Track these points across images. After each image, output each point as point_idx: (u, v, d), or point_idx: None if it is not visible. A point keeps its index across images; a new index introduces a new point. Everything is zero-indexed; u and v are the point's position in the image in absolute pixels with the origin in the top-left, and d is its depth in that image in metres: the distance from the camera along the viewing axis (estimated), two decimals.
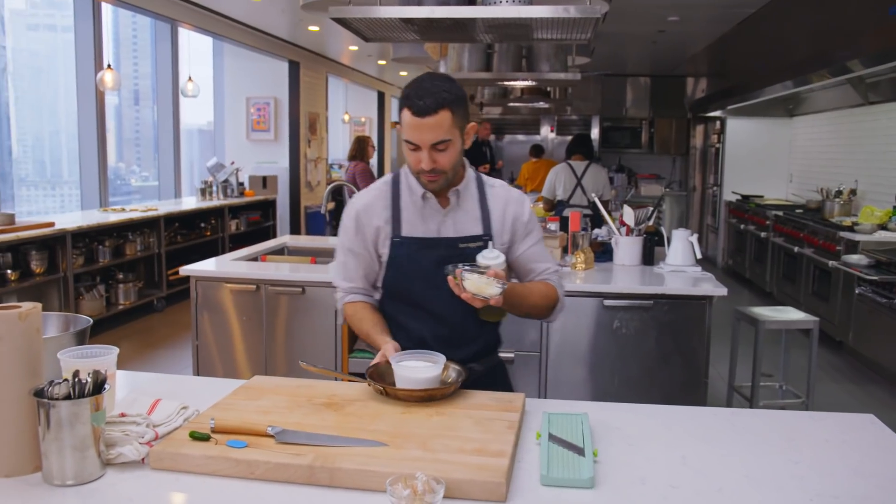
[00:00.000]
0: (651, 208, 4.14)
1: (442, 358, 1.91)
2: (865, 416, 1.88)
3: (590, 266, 3.99)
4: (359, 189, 7.63)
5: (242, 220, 9.14)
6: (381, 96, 13.88)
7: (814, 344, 4.50)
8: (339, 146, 13.21)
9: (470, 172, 2.17)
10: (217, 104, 10.62)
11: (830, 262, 6.01)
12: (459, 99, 1.99)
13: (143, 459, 1.56)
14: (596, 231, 4.67)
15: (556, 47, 6.75)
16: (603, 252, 4.31)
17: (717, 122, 10.26)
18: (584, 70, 10.36)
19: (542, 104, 9.40)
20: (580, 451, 1.58)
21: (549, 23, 4.06)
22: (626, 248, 4.10)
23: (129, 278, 6.90)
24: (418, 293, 2.12)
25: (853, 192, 7.23)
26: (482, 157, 9.73)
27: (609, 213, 6.31)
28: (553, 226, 4.38)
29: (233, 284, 3.83)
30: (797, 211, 7.74)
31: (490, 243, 2.10)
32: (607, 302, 3.57)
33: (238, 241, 8.52)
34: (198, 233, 8.20)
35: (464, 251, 2.07)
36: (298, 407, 1.79)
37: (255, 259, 4.47)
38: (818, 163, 8.67)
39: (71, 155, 8.01)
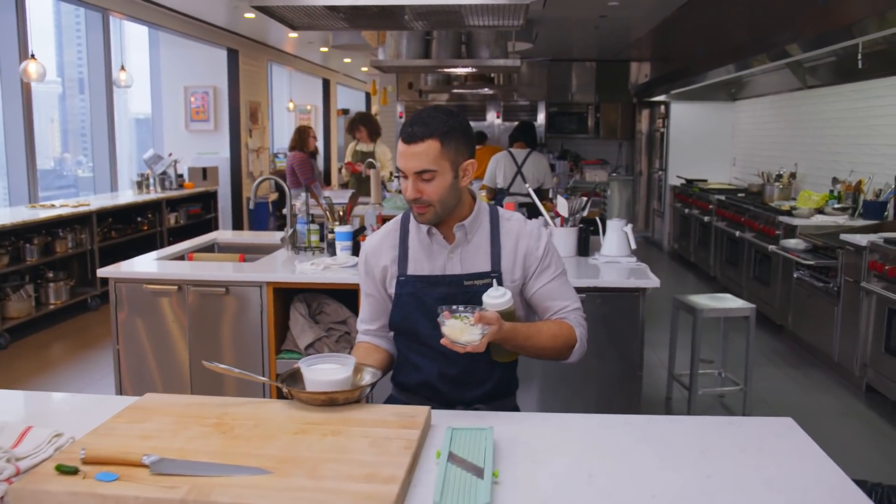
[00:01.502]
0: (585, 199, 4.07)
1: (352, 360, 1.86)
2: (784, 420, 1.82)
3: None
4: (295, 179, 7.50)
5: (182, 214, 8.90)
6: (326, 84, 13.64)
7: (751, 331, 4.48)
8: (284, 135, 12.96)
9: (482, 206, 2.09)
10: (154, 94, 10.32)
11: (770, 247, 6.02)
12: (454, 132, 1.94)
13: (1, 498, 1.43)
14: (535, 221, 4.58)
15: (496, 33, 6.65)
16: None
17: (662, 107, 10.27)
18: (526, 55, 10.31)
19: (486, 90, 9.32)
20: (479, 473, 1.48)
21: (478, 9, 3.96)
22: (561, 240, 4.02)
23: (60, 277, 6.65)
24: (423, 332, 2.05)
25: (793, 175, 7.27)
26: None
27: (550, 201, 6.27)
28: None
29: (153, 286, 3.67)
30: (739, 195, 7.76)
31: (495, 281, 2.01)
32: None
33: (178, 235, 8.28)
34: (134, 227, 7.95)
35: (469, 289, 2.01)
36: (185, 429, 1.67)
37: (181, 257, 4.30)
38: (760, 147, 8.72)
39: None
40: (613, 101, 11.39)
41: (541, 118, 11.08)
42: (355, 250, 3.95)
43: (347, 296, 3.72)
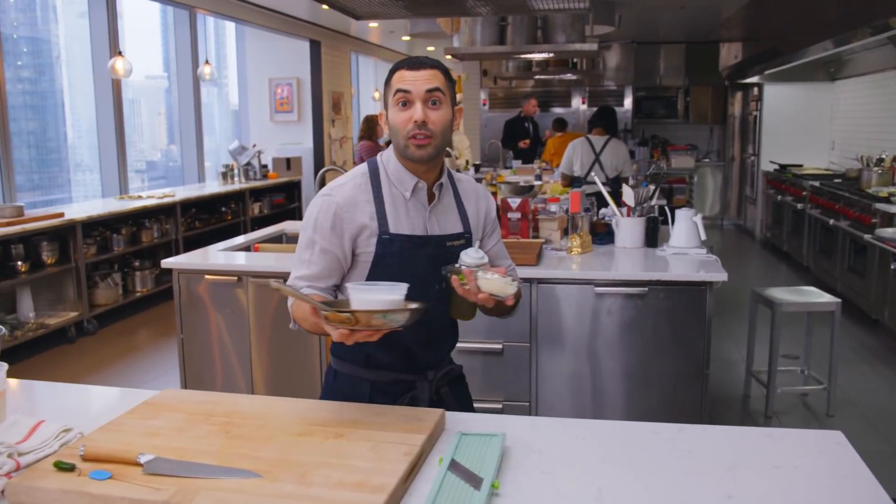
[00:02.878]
0: (653, 187, 3.88)
1: (402, 286, 1.69)
2: (832, 434, 1.64)
3: (587, 250, 3.76)
4: None
5: (266, 203, 9.06)
6: None
7: (835, 327, 4.21)
8: None
9: (445, 165, 2.03)
10: (241, 86, 10.54)
11: (865, 236, 5.65)
12: (449, 75, 1.93)
13: (1, 492, 1.43)
14: (603, 211, 4.42)
15: (573, 17, 6.47)
16: (607, 234, 4.06)
17: (755, 89, 9.80)
18: (608, 39, 10.02)
19: (569, 76, 9.12)
20: (478, 484, 1.39)
21: None
22: (627, 230, 3.85)
23: (146, 266, 6.87)
24: (407, 295, 1.93)
25: (895, 158, 6.80)
26: (524, 132, 9.44)
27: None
28: (554, 207, 4.16)
29: (214, 276, 3.71)
30: (835, 181, 7.32)
31: (476, 242, 1.99)
32: (598, 289, 3.34)
33: (261, 224, 8.42)
34: (218, 217, 8.14)
35: (450, 249, 1.95)
36: (192, 428, 1.64)
37: (248, 248, 4.35)
38: (861, 129, 8.20)
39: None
40: (704, 84, 10.93)
41: (627, 103, 10.74)
42: None
43: None
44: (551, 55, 6.98)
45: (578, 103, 10.73)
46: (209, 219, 7.99)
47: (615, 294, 3.34)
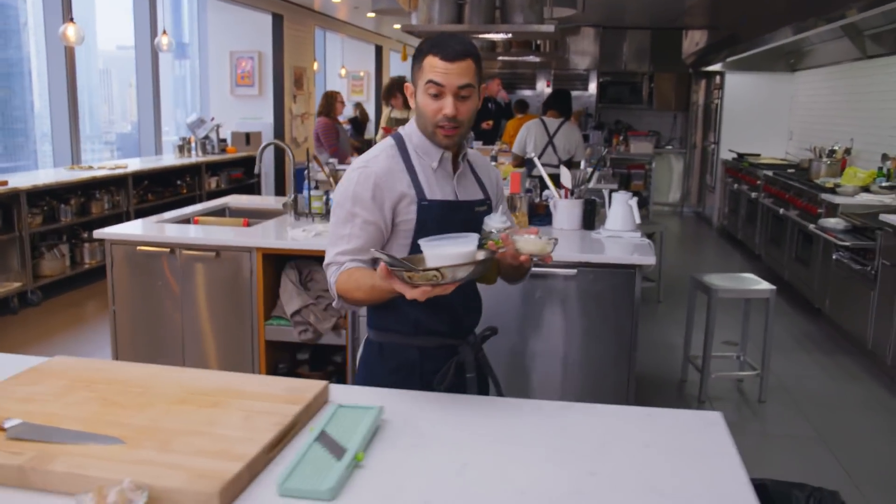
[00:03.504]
0: (590, 169, 3.89)
1: (473, 235, 1.70)
2: (710, 415, 1.66)
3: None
4: (321, 145, 7.46)
5: (223, 178, 8.98)
6: (378, 50, 13.53)
7: (770, 314, 4.26)
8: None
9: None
10: (202, 59, 10.40)
11: (810, 226, 5.71)
12: (479, 55, 1.95)
13: None
14: (546, 193, 4.42)
15: None
16: (546, 215, 4.07)
17: (717, 77, 9.85)
18: (573, 22, 9.99)
19: (531, 58, 9.08)
20: (340, 454, 1.38)
21: None
22: (565, 212, 3.86)
23: (95, 238, 6.76)
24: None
25: (848, 151, 6.88)
26: (487, 113, 9.41)
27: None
28: None
29: (146, 247, 3.67)
30: (789, 171, 7.39)
31: (499, 208, 2.07)
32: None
33: (218, 198, 8.35)
34: (172, 190, 8.05)
35: (479, 214, 2.01)
36: (69, 394, 1.61)
37: (188, 221, 4.30)
38: (817, 120, 8.28)
39: (81, 108, 7.87)
40: (668, 71, 10.96)
41: (592, 87, 10.76)
42: None
43: None
44: (509, 36, 6.94)
45: (543, 86, 10.72)
46: (163, 192, 7.89)
47: (544, 275, 3.35)
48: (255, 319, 3.61)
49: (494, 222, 1.92)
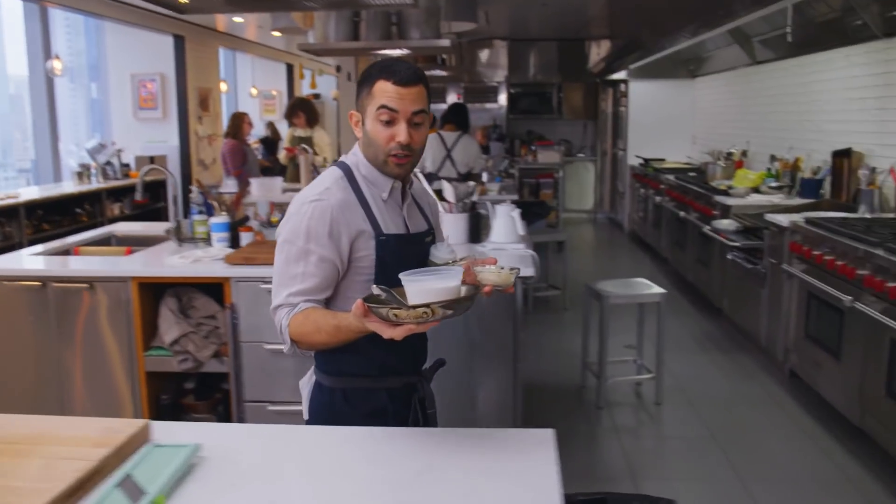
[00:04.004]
0: (472, 183, 3.88)
1: (459, 271, 1.64)
2: (540, 433, 1.63)
3: None
4: (227, 168, 7.33)
5: (127, 204, 8.73)
6: (289, 69, 13.39)
7: (661, 319, 4.32)
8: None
9: None
10: (102, 82, 10.12)
11: (705, 228, 5.84)
12: (427, 82, 1.87)
13: None
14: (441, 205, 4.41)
15: (427, 13, 6.44)
16: None
17: (622, 86, 10.05)
18: (479, 36, 10.08)
19: (437, 72, 9.11)
20: (137, 498, 1.31)
21: None
22: (451, 226, 3.84)
23: None
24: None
25: (744, 153, 7.07)
26: None
27: (483, 184, 6.10)
28: None
29: (12, 282, 3.50)
30: (690, 174, 7.56)
31: (445, 238, 2.03)
32: None
33: (108, 226, 8.11)
34: (71, 219, 7.78)
35: (426, 246, 1.93)
36: None
37: (67, 252, 4.14)
38: (718, 124, 8.51)
39: None
40: (577, 81, 11.15)
41: (502, 99, 10.86)
42: (233, 242, 3.79)
43: (216, 289, 3.54)
44: (407, 52, 6.94)
45: (454, 99, 10.77)
46: (61, 221, 7.62)
47: None
48: (133, 351, 3.49)
49: (442, 253, 1.86)
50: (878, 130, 4.96)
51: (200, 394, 3.76)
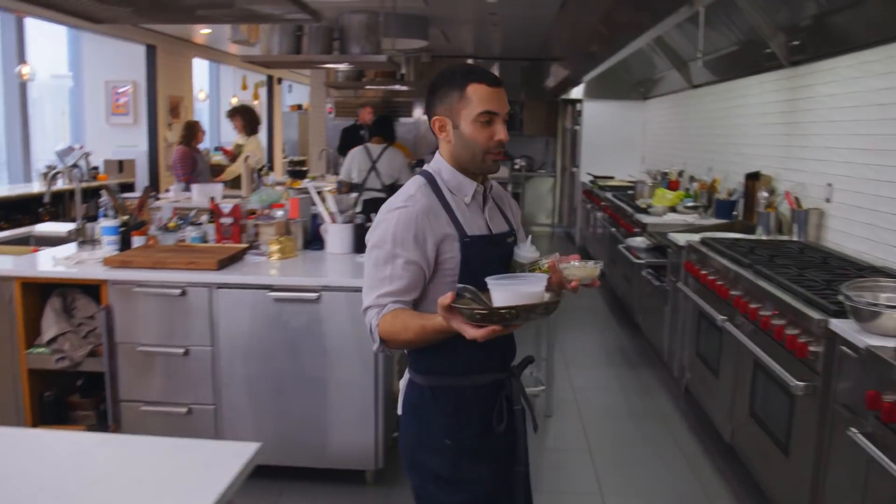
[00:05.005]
0: (355, 195, 4.04)
1: (544, 277, 1.75)
2: (244, 447, 1.64)
3: (289, 255, 3.89)
4: (178, 174, 7.52)
5: (92, 205, 8.93)
6: (270, 80, 13.64)
7: (551, 331, 4.47)
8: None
9: None
10: (77, 88, 10.37)
11: (619, 245, 5.97)
12: None
13: None
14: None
15: (367, 29, 6.62)
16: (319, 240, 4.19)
17: (578, 105, 10.24)
18: (442, 54, 10.28)
19: (398, 87, 9.29)
20: None
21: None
22: (335, 236, 4.00)
23: None
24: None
25: (681, 173, 7.21)
26: (358, 139, 9.57)
27: None
28: (279, 212, 4.27)
29: None
30: (629, 192, 7.70)
31: (528, 238, 2.08)
32: (273, 294, 3.47)
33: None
34: (33, 218, 7.99)
35: (510, 246, 2.04)
36: None
37: None
38: (662, 145, 8.67)
39: None
40: (538, 99, 11.34)
41: None
42: (124, 245, 3.94)
43: (95, 290, 3.70)
44: (347, 67, 7.13)
45: (420, 113, 10.95)
46: (21, 219, 7.83)
47: (290, 300, 3.47)
48: (16, 348, 3.65)
49: (526, 253, 1.96)
50: (784, 155, 5.09)
51: (87, 392, 3.92)
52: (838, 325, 2.72)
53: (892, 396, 2.26)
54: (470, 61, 11.10)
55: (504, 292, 1.66)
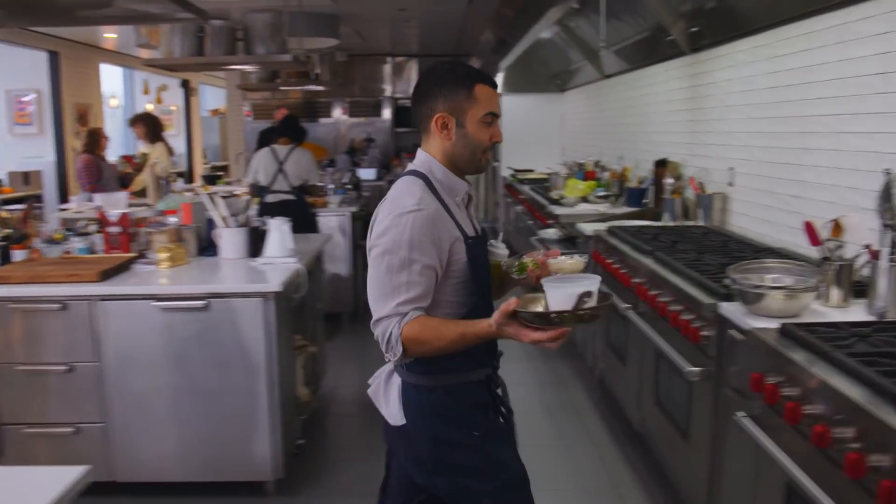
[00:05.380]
0: (247, 198, 3.90)
1: (597, 278, 1.79)
2: (70, 471, 1.51)
3: (180, 262, 3.73)
4: (83, 183, 7.23)
5: None
6: (185, 84, 13.29)
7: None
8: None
9: None
10: None
11: (532, 237, 5.94)
12: None
13: None
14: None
15: (272, 28, 6.46)
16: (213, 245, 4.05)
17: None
18: (355, 52, 10.18)
19: (311, 87, 9.13)
20: None
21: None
22: (229, 241, 3.86)
23: None
24: (487, 294, 2.03)
25: (597, 163, 7.23)
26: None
27: (321, 197, 6.12)
28: (173, 218, 4.11)
29: None
30: (545, 185, 7.70)
31: (500, 235, 2.20)
32: (159, 304, 3.31)
33: None
34: None
35: (488, 246, 2.11)
36: None
37: None
38: (580, 136, 8.70)
39: None
40: None
41: (386, 113, 10.94)
42: (4, 259, 3.73)
43: None
44: (256, 67, 6.96)
45: (339, 114, 10.80)
46: None
47: (176, 309, 3.32)
48: None
49: (502, 251, 2.07)
50: (689, 141, 5.12)
51: None
52: (727, 309, 2.70)
53: (775, 378, 2.23)
54: (388, 59, 11.00)
55: (564, 293, 1.72)
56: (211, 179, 8.99)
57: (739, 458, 2.57)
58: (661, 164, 5.43)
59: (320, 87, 9.04)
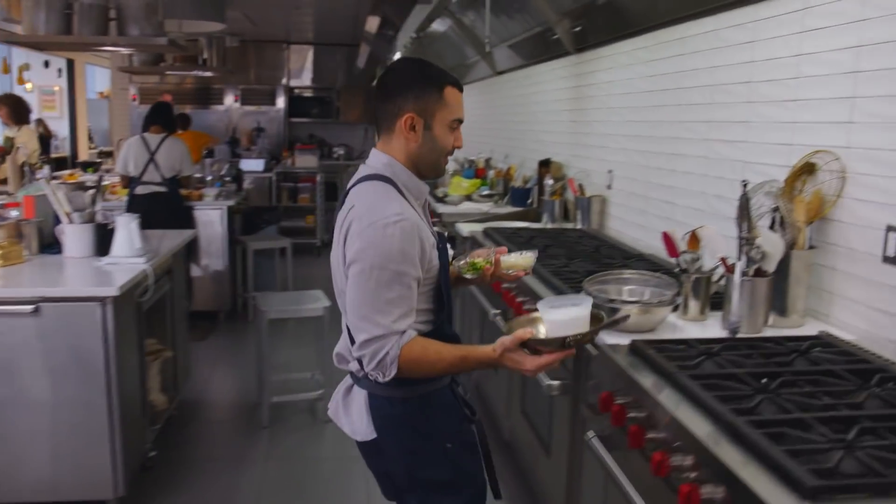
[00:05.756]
0: (92, 192, 3.61)
1: (589, 299, 1.83)
2: None
3: (14, 261, 3.41)
4: None
5: None
6: (70, 64, 12.56)
7: (324, 332, 4.20)
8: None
9: None
10: None
11: None
12: None
13: None
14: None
15: (147, 8, 6.10)
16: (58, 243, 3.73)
17: None
18: (246, 37, 9.84)
19: (197, 73, 8.73)
20: None
21: None
22: (73, 238, 3.56)
23: None
24: (450, 300, 1.96)
25: (488, 161, 7.14)
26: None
27: (196, 189, 5.81)
28: (15, 212, 3.77)
29: None
30: (433, 181, 7.57)
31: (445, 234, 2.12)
32: None
33: None
34: None
35: None
36: None
37: None
38: (474, 133, 8.60)
39: None
40: (356, 87, 11.02)
41: (280, 102, 10.60)
42: None
43: None
44: (129, 49, 6.57)
45: (231, 101, 10.41)
46: None
47: (1, 314, 3.01)
48: None
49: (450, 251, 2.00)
50: (573, 142, 5.06)
51: None
52: None
53: (623, 399, 2.13)
54: (284, 46, 10.65)
55: (559, 318, 1.76)
56: (87, 166, 8.49)
57: (592, 479, 2.48)
58: (545, 165, 5.36)
59: (207, 74, 8.64)
